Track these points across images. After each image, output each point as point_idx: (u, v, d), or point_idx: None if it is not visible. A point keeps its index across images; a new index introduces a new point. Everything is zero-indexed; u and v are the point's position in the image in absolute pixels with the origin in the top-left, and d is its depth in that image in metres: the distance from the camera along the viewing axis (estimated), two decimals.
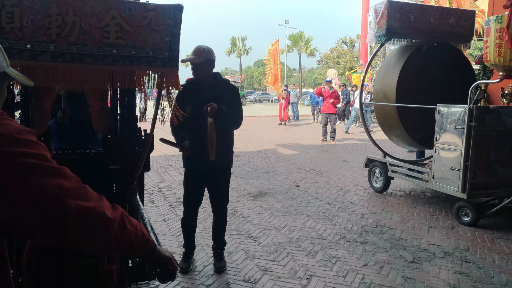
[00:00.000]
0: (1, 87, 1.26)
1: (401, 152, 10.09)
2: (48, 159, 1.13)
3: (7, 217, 1.06)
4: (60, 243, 1.15)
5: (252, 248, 4.28)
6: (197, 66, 3.54)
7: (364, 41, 23.75)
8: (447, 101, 5.53)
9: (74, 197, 1.12)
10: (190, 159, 3.64)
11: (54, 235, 1.12)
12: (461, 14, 6.50)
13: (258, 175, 7.94)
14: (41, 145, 1.14)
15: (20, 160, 1.06)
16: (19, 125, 1.13)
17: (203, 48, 3.52)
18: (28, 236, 1.14)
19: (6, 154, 1.05)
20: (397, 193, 6.71)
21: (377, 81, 6.80)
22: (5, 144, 1.05)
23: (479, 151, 4.93)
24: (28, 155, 1.08)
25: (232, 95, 3.71)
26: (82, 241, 1.16)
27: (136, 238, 1.29)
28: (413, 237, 4.65)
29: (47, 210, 1.07)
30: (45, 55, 1.87)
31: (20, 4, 1.81)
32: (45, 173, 1.09)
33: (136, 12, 1.92)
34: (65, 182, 1.12)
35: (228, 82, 3.82)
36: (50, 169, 1.11)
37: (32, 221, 1.07)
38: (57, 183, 1.10)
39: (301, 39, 51.23)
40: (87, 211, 1.13)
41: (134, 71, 2.03)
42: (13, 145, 1.07)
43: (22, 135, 1.10)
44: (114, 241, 1.22)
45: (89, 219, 1.14)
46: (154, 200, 6.03)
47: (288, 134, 15.72)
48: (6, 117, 1.13)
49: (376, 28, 6.13)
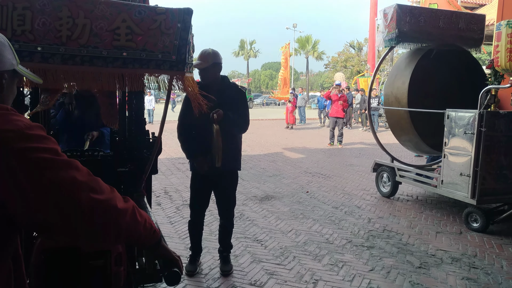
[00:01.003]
0: (11, 84, 1.28)
1: (409, 156, 10.03)
2: (59, 153, 1.14)
3: (20, 212, 1.07)
4: (72, 236, 1.16)
5: (258, 252, 4.27)
6: (204, 71, 3.52)
7: (372, 45, 23.73)
8: (458, 105, 5.48)
9: (87, 189, 1.13)
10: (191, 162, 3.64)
11: (67, 228, 1.12)
12: (471, 18, 6.46)
13: (264, 179, 7.93)
14: (51, 139, 1.15)
15: (31, 155, 1.07)
16: (28, 120, 1.15)
17: (208, 52, 3.50)
18: (42, 231, 1.15)
19: (17, 149, 1.06)
20: (404, 198, 6.67)
21: (388, 84, 6.76)
22: (15, 139, 1.07)
23: (489, 157, 4.89)
24: (39, 149, 1.09)
25: (239, 99, 3.70)
26: (95, 233, 1.17)
27: (145, 229, 1.31)
28: (421, 242, 4.61)
29: (60, 204, 1.09)
30: (56, 57, 1.88)
31: (31, 7, 1.82)
32: (57, 167, 1.10)
33: (146, 16, 1.93)
34: (77, 175, 1.13)
35: (236, 86, 3.83)
36: (61, 163, 1.12)
37: (45, 215, 1.08)
38: (69, 176, 1.11)
39: (308, 42, 51.21)
40: (99, 203, 1.15)
41: (143, 73, 2.03)
42: (24, 140, 1.08)
43: (32, 131, 1.11)
44: (125, 232, 1.24)
45: (101, 211, 1.15)
46: (161, 203, 6.05)
47: (295, 137, 15.69)
48: (15, 113, 1.15)
49: (385, 31, 6.11)
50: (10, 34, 1.82)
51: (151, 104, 19.61)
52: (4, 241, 1.14)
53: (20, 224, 1.13)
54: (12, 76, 1.27)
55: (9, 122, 1.09)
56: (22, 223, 1.12)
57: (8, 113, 1.12)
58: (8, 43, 1.26)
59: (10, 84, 1.26)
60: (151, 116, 19.35)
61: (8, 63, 1.23)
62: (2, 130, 1.07)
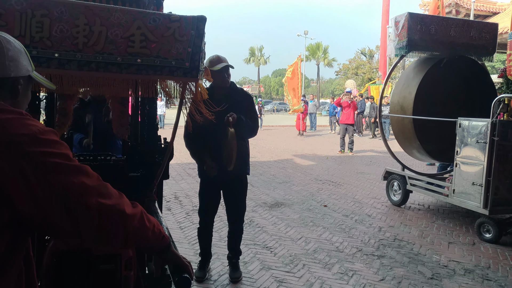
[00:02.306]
0: (26, 89, 1.31)
1: (420, 165, 9.95)
2: (70, 158, 1.17)
3: (31, 215, 1.10)
4: (81, 239, 1.19)
5: (268, 259, 4.25)
6: (227, 70, 3.52)
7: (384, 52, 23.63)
8: (464, 113, 5.44)
9: (95, 194, 1.16)
10: (200, 169, 3.63)
11: (76, 232, 1.15)
12: (483, 27, 6.42)
13: (274, 185, 7.92)
14: (63, 144, 1.19)
15: (43, 159, 1.10)
16: (42, 125, 1.18)
17: (221, 56, 3.52)
18: (51, 233, 1.18)
19: (30, 153, 1.09)
20: (415, 206, 6.61)
21: (395, 93, 6.74)
22: (29, 144, 1.10)
23: (501, 166, 4.83)
24: (51, 154, 1.12)
25: (248, 103, 3.71)
26: (103, 237, 1.19)
27: (153, 235, 1.33)
28: (432, 253, 4.56)
29: (69, 207, 1.11)
30: (72, 63, 1.92)
31: (49, 15, 1.86)
32: (68, 172, 1.13)
33: (161, 23, 1.96)
34: (87, 180, 1.16)
35: (243, 91, 3.83)
36: (72, 168, 1.15)
37: (55, 218, 1.11)
38: (79, 181, 1.14)
39: (319, 49, 51.24)
40: (107, 208, 1.17)
41: (157, 80, 2.06)
42: (37, 144, 1.11)
43: (45, 135, 1.14)
44: (132, 237, 1.26)
45: (109, 216, 1.18)
46: (171, 208, 6.07)
47: (305, 144, 15.67)
48: (30, 117, 1.18)
49: (396, 40, 6.09)
50: (29, 41, 1.86)
51: (162, 110, 19.75)
52: (15, 242, 1.17)
53: (30, 225, 1.16)
54: (27, 82, 1.31)
55: (23, 126, 1.12)
56: (32, 224, 1.15)
57: (23, 118, 1.16)
58: (24, 49, 1.30)
59: (25, 89, 1.30)
60: (161, 121, 19.49)
61: (24, 69, 1.26)
62: (17, 134, 1.10)
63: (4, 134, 1.08)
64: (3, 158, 1.07)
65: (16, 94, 1.25)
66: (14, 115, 1.14)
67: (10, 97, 1.23)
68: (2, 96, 1.20)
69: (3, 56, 1.20)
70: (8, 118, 1.12)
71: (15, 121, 1.12)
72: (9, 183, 1.07)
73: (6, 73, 1.21)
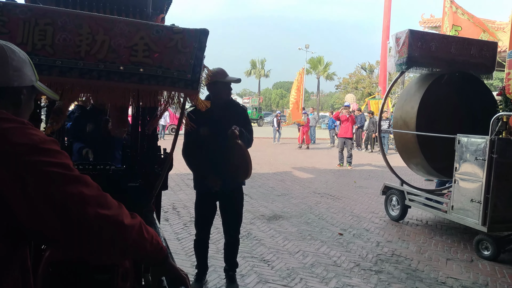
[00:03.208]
0: (29, 100, 1.32)
1: (419, 180, 9.94)
2: (71, 168, 1.17)
3: (30, 224, 1.10)
4: (79, 249, 1.18)
5: (265, 272, 4.22)
6: (230, 85, 3.59)
7: (384, 68, 23.77)
8: (468, 131, 5.45)
9: (94, 204, 1.15)
10: (204, 181, 3.62)
11: (74, 242, 1.14)
12: (483, 45, 6.49)
13: (273, 198, 7.90)
14: (64, 154, 1.19)
15: (43, 168, 1.10)
16: (43, 134, 1.18)
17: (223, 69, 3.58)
18: (50, 243, 1.17)
19: (30, 162, 1.09)
20: (413, 222, 6.58)
21: (397, 108, 6.78)
22: (29, 153, 1.10)
23: (500, 183, 4.83)
24: (51, 164, 1.12)
25: (243, 116, 3.77)
26: (101, 248, 1.18)
27: (152, 246, 1.32)
28: (430, 269, 4.53)
29: (68, 217, 1.11)
30: (74, 71, 1.92)
31: (53, 24, 1.87)
32: (67, 182, 1.13)
33: (164, 35, 1.97)
34: (86, 190, 1.15)
35: (239, 104, 3.89)
36: (72, 178, 1.15)
37: (53, 228, 1.10)
38: (78, 191, 1.13)
39: (320, 63, 51.57)
40: (106, 218, 1.16)
41: (158, 90, 2.06)
42: (37, 154, 1.11)
43: (46, 145, 1.14)
44: (131, 248, 1.25)
45: (108, 226, 1.17)
46: (169, 218, 6.04)
47: (304, 157, 15.66)
48: (31, 127, 1.18)
49: (397, 56, 6.14)
50: (31, 48, 1.87)
51: (165, 120, 19.83)
52: (13, 251, 1.16)
53: (28, 234, 1.16)
54: (31, 92, 1.31)
55: (24, 136, 1.12)
56: (30, 234, 1.14)
57: (25, 127, 1.16)
58: (29, 60, 1.31)
59: (28, 99, 1.31)
60: (161, 131, 19.51)
61: (28, 79, 1.27)
62: (17, 143, 1.10)
63: (5, 144, 1.09)
64: (3, 167, 1.07)
65: (18, 103, 1.26)
66: (16, 124, 1.14)
67: (13, 107, 1.24)
68: (4, 105, 1.20)
69: (6, 65, 1.21)
70: (9, 127, 1.12)
71: (16, 130, 1.13)
72: (9, 192, 1.07)
73: (9, 83, 1.21)
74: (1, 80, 1.20)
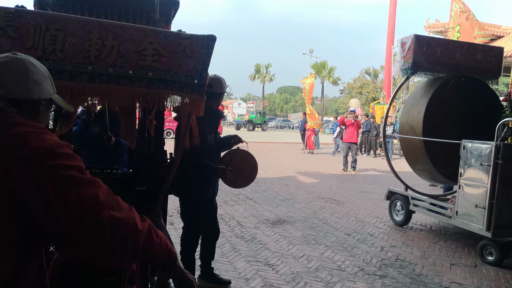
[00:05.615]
0: (46, 111, 1.40)
1: (423, 185, 9.92)
2: (84, 171, 1.22)
3: (47, 225, 1.14)
4: (92, 251, 1.21)
5: (269, 276, 4.23)
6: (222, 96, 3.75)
7: (388, 73, 23.78)
8: (474, 136, 5.45)
9: (107, 207, 1.19)
10: (199, 190, 3.59)
11: (87, 243, 1.18)
12: (489, 50, 6.48)
13: (277, 202, 7.91)
14: (77, 157, 1.24)
15: (60, 172, 1.15)
16: (58, 139, 1.24)
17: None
18: (63, 243, 1.21)
19: (48, 166, 1.14)
20: (418, 227, 6.57)
21: (403, 113, 6.78)
22: (46, 156, 1.15)
23: (505, 189, 4.82)
24: (67, 167, 1.17)
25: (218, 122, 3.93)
26: (113, 250, 1.22)
27: (161, 249, 1.35)
28: (434, 274, 4.52)
29: (83, 219, 1.15)
30: (84, 75, 1.96)
31: (64, 29, 1.91)
32: (82, 184, 1.18)
33: (172, 40, 2.01)
34: (100, 193, 1.20)
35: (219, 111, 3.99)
36: (86, 181, 1.19)
37: (68, 229, 1.14)
38: (92, 194, 1.18)
39: (324, 68, 51.57)
40: (118, 221, 1.20)
41: (167, 95, 2.09)
42: (54, 157, 1.16)
43: (61, 149, 1.20)
44: (141, 250, 1.28)
45: (120, 228, 1.20)
46: (174, 222, 6.06)
47: (309, 162, 15.66)
48: (47, 131, 1.24)
49: (402, 61, 6.16)
50: (41, 52, 1.91)
51: None
52: (30, 251, 1.21)
53: (44, 236, 1.20)
54: (48, 104, 1.39)
55: (41, 140, 1.18)
56: (46, 235, 1.19)
57: (41, 131, 1.22)
58: (48, 74, 1.39)
59: (45, 110, 1.38)
60: None
61: (46, 92, 1.35)
62: (35, 147, 1.15)
63: (24, 148, 1.14)
64: (23, 170, 1.12)
65: (37, 114, 1.33)
66: (33, 129, 1.20)
67: (31, 117, 1.30)
68: (23, 115, 1.26)
69: (27, 80, 1.29)
70: (27, 131, 1.18)
71: (34, 134, 1.18)
72: (28, 194, 1.11)
73: (30, 96, 1.29)
74: (22, 93, 1.28)
